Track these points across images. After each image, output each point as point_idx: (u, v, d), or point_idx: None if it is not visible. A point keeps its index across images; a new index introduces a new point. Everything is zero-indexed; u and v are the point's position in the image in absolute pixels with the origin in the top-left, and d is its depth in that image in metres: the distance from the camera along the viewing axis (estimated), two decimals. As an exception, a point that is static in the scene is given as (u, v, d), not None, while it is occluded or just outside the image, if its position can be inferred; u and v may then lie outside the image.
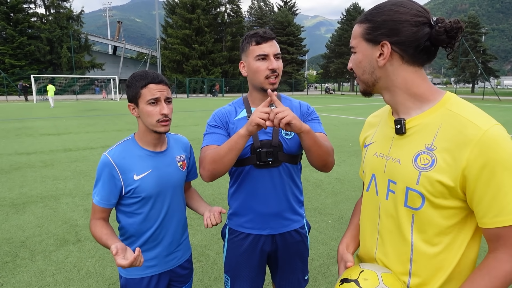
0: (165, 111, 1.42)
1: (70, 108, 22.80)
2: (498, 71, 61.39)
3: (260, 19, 60.78)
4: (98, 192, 1.46)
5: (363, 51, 1.04)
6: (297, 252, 1.73)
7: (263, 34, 1.52)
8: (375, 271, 1.02)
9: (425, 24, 0.96)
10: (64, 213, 4.41)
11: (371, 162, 1.13)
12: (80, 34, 44.13)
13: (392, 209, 1.04)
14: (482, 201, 0.89)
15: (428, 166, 0.94)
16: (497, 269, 0.89)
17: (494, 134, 0.87)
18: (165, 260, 1.59)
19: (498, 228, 0.89)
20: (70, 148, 8.65)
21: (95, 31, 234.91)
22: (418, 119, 1.00)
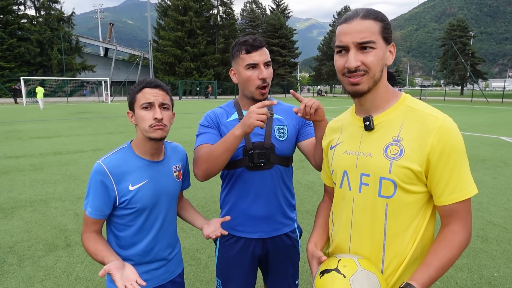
0: (158, 116, 1.34)
1: (60, 110, 22.54)
2: (486, 74, 62.45)
3: (252, 22, 60.91)
4: (91, 203, 1.38)
5: (382, 48, 1.07)
6: (288, 256, 1.72)
7: (252, 43, 1.51)
8: (352, 258, 1.09)
9: None
10: (54, 217, 4.36)
11: (341, 160, 1.20)
12: (71, 36, 43.73)
13: (366, 200, 1.12)
14: (441, 181, 1.03)
15: (398, 155, 1.05)
16: (453, 239, 1.03)
17: (449, 123, 1.03)
18: (157, 274, 1.53)
19: (452, 204, 1.03)
20: (60, 151, 8.55)
21: (86, 33, 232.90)
22: (383, 115, 1.12)
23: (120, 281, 1.18)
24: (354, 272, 1.03)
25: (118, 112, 21.50)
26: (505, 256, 3.38)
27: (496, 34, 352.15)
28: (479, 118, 17.51)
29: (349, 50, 1.06)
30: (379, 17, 1.07)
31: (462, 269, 3.14)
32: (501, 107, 26.88)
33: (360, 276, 1.02)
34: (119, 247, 1.46)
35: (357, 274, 1.02)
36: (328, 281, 1.03)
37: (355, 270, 1.03)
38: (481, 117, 18.45)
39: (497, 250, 3.50)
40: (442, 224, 1.09)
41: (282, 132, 1.62)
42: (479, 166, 6.99)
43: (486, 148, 8.91)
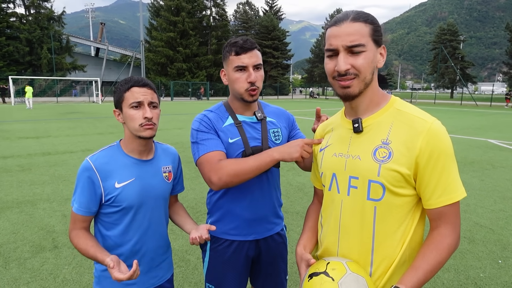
0: (148, 115, 1.35)
1: (50, 110, 22.25)
2: (476, 78, 63.37)
3: (245, 23, 60.97)
4: (77, 199, 1.38)
5: (373, 51, 1.06)
6: (279, 254, 1.75)
7: (242, 44, 1.48)
8: (340, 261, 1.08)
9: None
10: (41, 219, 4.29)
11: (330, 163, 1.19)
12: (61, 35, 43.21)
13: (354, 203, 1.11)
14: (430, 184, 1.02)
15: (386, 158, 1.04)
16: (442, 243, 1.03)
17: (438, 126, 1.03)
18: (145, 278, 1.50)
19: (440, 208, 1.03)
20: (49, 152, 8.43)
21: (77, 32, 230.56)
22: (372, 118, 1.11)
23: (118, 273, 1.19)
24: (343, 275, 1.03)
25: (109, 112, 21.30)
26: (491, 257, 3.43)
27: (485, 38, 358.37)
28: (468, 121, 17.78)
29: (339, 53, 1.05)
30: (369, 19, 1.05)
31: (449, 270, 3.18)
32: (489, 110, 27.34)
33: (349, 279, 1.02)
34: (106, 246, 1.44)
35: (346, 277, 1.02)
36: (317, 284, 1.03)
37: (343, 273, 1.03)
38: (470, 120, 18.74)
39: (483, 251, 3.56)
40: (431, 227, 1.08)
41: (277, 135, 1.64)
42: (467, 169, 7.09)
43: (474, 151, 9.05)
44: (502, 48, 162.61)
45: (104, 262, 1.25)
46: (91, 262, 3.25)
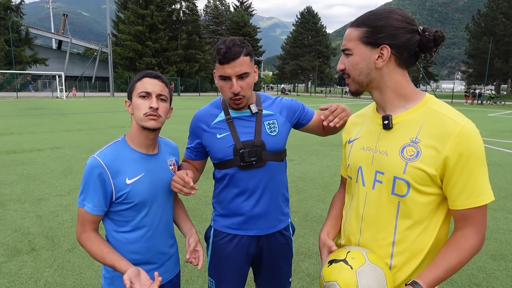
0: (154, 105, 1.34)
1: (9, 106, 20.98)
2: (437, 76, 66.75)
3: (216, 18, 60.33)
4: (90, 199, 1.32)
5: (360, 54, 1.10)
6: (282, 254, 1.72)
7: (225, 54, 1.41)
8: (361, 251, 1.11)
9: (416, 31, 1.08)
10: (13, 220, 4.06)
11: (357, 156, 1.21)
12: (19, 26, 40.75)
13: (378, 197, 1.13)
14: (456, 186, 1.03)
15: (414, 157, 1.05)
16: (464, 243, 1.04)
17: (470, 129, 1.02)
18: (159, 273, 1.45)
19: (466, 209, 1.03)
20: (14, 150, 7.96)
21: (36, 24, 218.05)
22: (403, 115, 1.11)
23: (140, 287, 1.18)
24: (362, 264, 1.05)
25: (75, 108, 20.42)
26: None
27: (446, 38, 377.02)
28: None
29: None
30: (363, 23, 1.09)
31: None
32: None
33: (367, 269, 1.04)
34: (120, 245, 1.40)
35: (364, 267, 1.04)
36: (335, 270, 1.06)
37: (362, 263, 1.05)
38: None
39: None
40: (455, 227, 1.09)
41: (272, 127, 1.60)
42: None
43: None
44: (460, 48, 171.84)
45: (123, 273, 1.23)
46: (73, 264, 3.12)
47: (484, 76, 45.82)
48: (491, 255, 3.42)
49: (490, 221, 4.27)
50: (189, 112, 17.72)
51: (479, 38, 50.14)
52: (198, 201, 4.73)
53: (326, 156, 7.89)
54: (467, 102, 36.23)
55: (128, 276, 1.19)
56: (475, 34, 51.66)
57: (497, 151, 8.80)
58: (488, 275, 3.07)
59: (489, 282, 2.96)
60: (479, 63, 50.67)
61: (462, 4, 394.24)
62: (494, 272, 3.11)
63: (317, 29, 67.27)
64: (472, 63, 53.25)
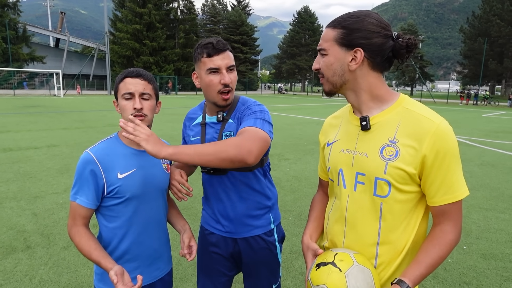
0: (137, 105, 1.35)
1: (6, 104, 20.88)
2: (433, 76, 67.07)
3: (213, 17, 60.23)
4: (82, 192, 1.35)
5: (335, 55, 1.12)
6: (262, 259, 1.66)
7: (215, 45, 1.43)
8: (348, 253, 1.12)
9: (390, 37, 1.10)
10: (9, 218, 4.07)
11: (337, 158, 1.22)
12: (17, 23, 40.57)
13: (361, 199, 1.15)
14: (434, 183, 1.06)
15: (393, 156, 1.07)
16: (444, 238, 1.08)
17: (445, 127, 1.05)
18: (148, 271, 1.50)
19: (444, 205, 1.07)
20: (10, 147, 7.95)
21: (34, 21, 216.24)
22: (379, 116, 1.13)
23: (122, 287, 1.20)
24: (350, 266, 1.06)
25: (73, 106, 20.36)
26: (457, 245, 3.70)
27: (441, 39, 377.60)
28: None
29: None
30: (339, 24, 1.10)
31: (420, 257, 3.39)
32: (446, 107, 28.99)
33: (356, 270, 1.05)
34: (111, 239, 1.43)
35: (353, 269, 1.05)
36: (324, 273, 1.07)
37: (350, 265, 1.06)
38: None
39: (449, 238, 3.82)
40: (434, 223, 1.12)
41: (229, 136, 1.54)
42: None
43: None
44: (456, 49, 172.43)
45: (107, 271, 1.25)
46: (68, 262, 3.14)
47: (479, 76, 46.10)
48: (481, 254, 3.48)
49: (482, 221, 4.33)
50: (186, 111, 17.66)
51: (474, 39, 50.45)
52: (193, 199, 4.76)
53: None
54: (462, 103, 36.42)
55: (115, 272, 1.21)
56: (470, 35, 51.96)
57: (490, 151, 8.88)
58: (478, 273, 3.12)
59: (479, 280, 3.01)
60: (474, 64, 50.97)
61: (458, 5, 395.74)
62: (484, 271, 3.17)
63: (314, 29, 67.39)
64: (467, 63, 53.55)
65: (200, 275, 1.74)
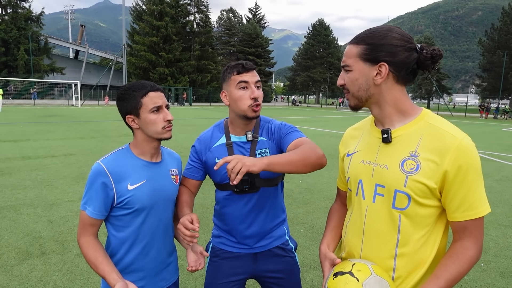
0: (170, 117, 1.43)
1: (27, 113, 21.54)
2: (451, 89, 65.99)
3: (229, 30, 61.22)
4: (91, 202, 1.37)
5: (360, 70, 1.13)
6: (285, 268, 1.71)
7: (244, 65, 1.55)
8: (366, 264, 1.11)
9: (414, 49, 1.11)
10: (26, 224, 4.16)
11: (357, 169, 1.22)
12: (39, 36, 42.10)
13: (379, 211, 1.14)
14: (455, 198, 1.05)
15: (414, 170, 1.07)
16: (464, 254, 1.06)
17: (467, 143, 1.05)
18: (153, 281, 1.51)
19: (465, 221, 1.06)
20: (29, 156, 8.17)
21: (55, 34, 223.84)
22: (402, 129, 1.14)
23: None
24: (367, 277, 1.05)
25: (89, 116, 20.84)
26: (474, 261, 3.58)
27: (459, 52, 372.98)
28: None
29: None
30: (362, 40, 1.12)
31: (436, 273, 3.30)
32: (464, 121, 28.43)
33: (373, 281, 1.05)
34: (117, 248, 1.45)
35: (370, 279, 1.05)
36: (342, 282, 1.06)
37: (368, 275, 1.06)
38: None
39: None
40: (454, 239, 1.11)
41: (264, 155, 1.60)
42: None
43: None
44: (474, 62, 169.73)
45: (111, 286, 1.25)
46: (82, 269, 3.18)
47: (498, 90, 45.13)
48: (500, 272, 3.36)
49: (501, 238, 4.19)
50: (200, 122, 17.89)
51: (493, 52, 49.54)
52: (205, 210, 4.78)
53: (334, 168, 7.86)
54: (482, 116, 35.63)
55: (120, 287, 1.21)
56: (488, 48, 51.09)
57: (510, 166, 8.63)
58: (497, 292, 3.01)
59: (498, 299, 2.90)
60: (493, 77, 49.95)
61: (476, 18, 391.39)
62: (503, 290, 3.05)
63: (328, 41, 67.60)
64: (486, 76, 52.53)
65: None
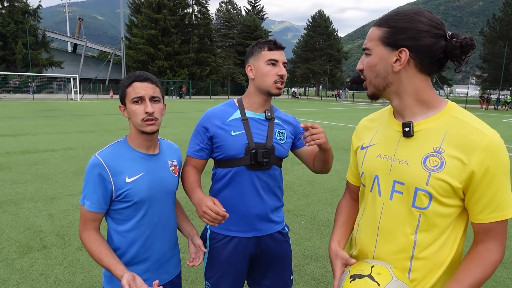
0: (149, 109, 1.35)
1: (26, 107, 21.48)
2: (451, 80, 65.69)
3: (228, 22, 60.73)
4: (89, 196, 1.36)
5: (379, 54, 1.05)
6: (282, 253, 1.75)
7: (276, 43, 1.62)
8: (386, 266, 1.04)
9: (442, 36, 1.00)
10: (26, 218, 4.16)
11: (373, 164, 1.14)
12: (37, 29, 41.75)
13: (397, 209, 1.07)
14: (481, 200, 0.98)
15: (438, 167, 0.99)
16: (488, 258, 1.00)
17: (497, 141, 0.97)
18: (156, 274, 1.50)
19: (490, 223, 1.00)
20: (28, 150, 8.16)
21: (53, 27, 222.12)
22: (425, 123, 1.05)
23: None
24: (389, 281, 0.99)
25: (88, 110, 20.78)
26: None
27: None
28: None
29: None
30: (386, 22, 1.04)
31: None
32: (464, 112, 28.30)
33: (395, 286, 0.98)
34: (119, 242, 1.43)
35: (392, 284, 0.98)
36: (361, 286, 1.00)
37: (389, 280, 0.99)
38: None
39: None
40: (476, 241, 1.05)
41: (282, 135, 1.69)
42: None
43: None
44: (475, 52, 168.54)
45: (118, 278, 1.25)
46: (83, 262, 3.19)
47: (499, 81, 44.95)
48: (501, 263, 3.36)
49: (501, 228, 4.19)
50: (200, 115, 17.81)
51: (494, 43, 49.23)
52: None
53: (335, 160, 7.84)
54: (483, 108, 35.52)
55: (127, 281, 1.21)
56: (490, 39, 50.74)
57: (511, 157, 8.61)
58: (498, 283, 3.02)
59: (498, 289, 2.91)
60: (494, 68, 49.71)
61: (477, 8, 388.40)
62: (504, 280, 3.06)
63: (328, 33, 67.08)
64: (487, 67, 52.28)
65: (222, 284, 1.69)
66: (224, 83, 54.01)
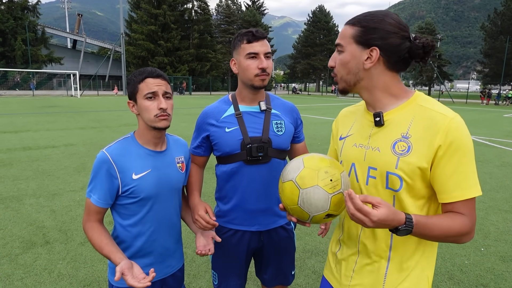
0: (163, 105, 1.37)
1: (26, 104, 21.49)
2: (452, 75, 65.55)
3: (228, 18, 60.48)
4: (95, 191, 1.38)
5: (351, 52, 1.13)
6: (284, 248, 1.76)
7: (255, 33, 1.54)
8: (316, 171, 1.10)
9: (407, 38, 1.10)
10: (29, 214, 4.19)
11: (350, 152, 1.24)
12: (36, 25, 41.67)
13: (374, 193, 1.15)
14: (441, 177, 1.04)
15: (405, 151, 1.08)
16: (459, 217, 1.04)
17: (458, 121, 1.05)
18: (159, 268, 1.52)
19: (454, 203, 1.04)
20: (30, 146, 8.18)
21: (52, 23, 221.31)
22: (393, 112, 1.14)
23: (132, 280, 1.21)
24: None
25: (89, 106, 20.79)
26: (474, 246, 3.62)
27: (461, 37, 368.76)
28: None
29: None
30: (358, 22, 1.11)
31: (436, 258, 3.33)
32: (465, 107, 28.32)
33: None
34: (125, 237, 1.46)
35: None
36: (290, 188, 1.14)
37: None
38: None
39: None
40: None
41: (280, 126, 1.65)
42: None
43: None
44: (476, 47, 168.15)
45: (117, 265, 1.26)
46: (85, 257, 3.22)
47: (500, 76, 44.80)
48: (500, 257, 3.39)
49: (501, 223, 4.22)
50: (200, 111, 17.80)
51: (495, 37, 48.95)
52: (207, 199, 4.80)
53: (335, 156, 7.87)
54: (483, 103, 35.47)
55: (121, 268, 1.22)
56: (491, 33, 50.45)
57: (511, 152, 8.63)
58: (496, 276, 3.05)
59: (497, 283, 2.93)
60: (495, 63, 49.49)
61: (479, 2, 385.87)
62: (503, 273, 3.09)
63: (329, 28, 66.83)
64: (488, 62, 52.05)
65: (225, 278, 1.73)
66: (225, 79, 53.87)
